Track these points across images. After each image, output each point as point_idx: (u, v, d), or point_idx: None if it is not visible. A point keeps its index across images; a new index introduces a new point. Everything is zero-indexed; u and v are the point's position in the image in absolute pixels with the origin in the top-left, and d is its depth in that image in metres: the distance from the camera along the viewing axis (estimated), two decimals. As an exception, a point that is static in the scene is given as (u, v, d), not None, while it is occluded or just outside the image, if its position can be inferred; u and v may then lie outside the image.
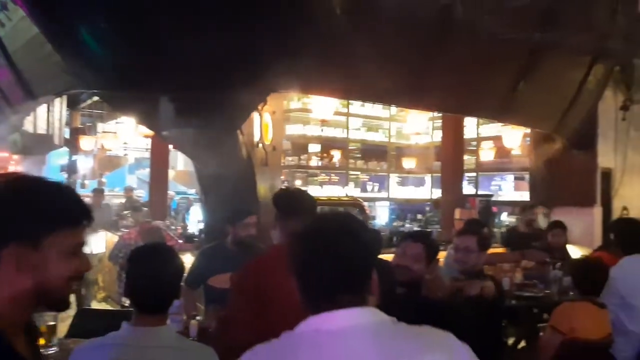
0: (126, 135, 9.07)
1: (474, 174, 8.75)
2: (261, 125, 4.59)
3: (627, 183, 7.80)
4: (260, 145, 4.61)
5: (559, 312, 3.51)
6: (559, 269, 4.81)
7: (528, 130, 7.31)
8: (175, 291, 1.90)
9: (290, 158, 7.64)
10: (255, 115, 4.53)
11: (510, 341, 4.82)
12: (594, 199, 7.36)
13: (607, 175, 7.59)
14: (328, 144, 8.23)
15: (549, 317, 3.85)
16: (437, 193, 8.11)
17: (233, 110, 4.00)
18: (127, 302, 4.03)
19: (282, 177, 7.89)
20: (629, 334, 3.71)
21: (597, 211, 7.35)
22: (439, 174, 8.27)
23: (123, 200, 9.60)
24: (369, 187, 8.96)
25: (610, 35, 5.64)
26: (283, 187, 4.77)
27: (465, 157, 8.34)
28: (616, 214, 7.64)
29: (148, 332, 1.77)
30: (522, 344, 4.74)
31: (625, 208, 7.81)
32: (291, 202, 2.58)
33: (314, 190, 7.66)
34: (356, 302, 1.14)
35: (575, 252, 6.42)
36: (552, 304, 4.19)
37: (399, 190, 9.39)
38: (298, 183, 7.95)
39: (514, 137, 7.41)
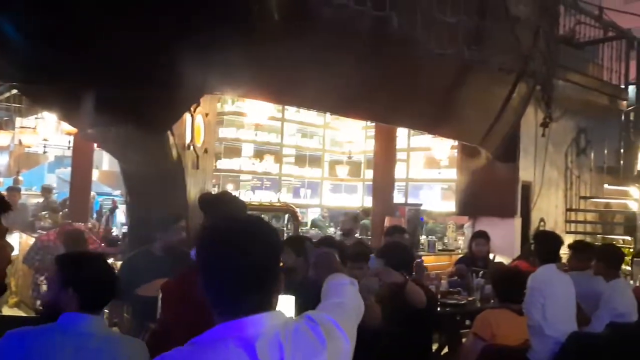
0: (46, 132, 8.58)
1: (404, 184, 8.96)
2: (193, 127, 4.47)
3: (544, 196, 8.27)
4: (192, 147, 4.49)
5: (481, 319, 3.64)
6: (482, 277, 5.00)
7: (456, 143, 7.58)
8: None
9: (222, 162, 7.51)
10: (187, 117, 4.41)
11: (434, 347, 4.95)
12: (514, 211, 7.73)
13: (526, 188, 8.00)
14: (262, 149, 8.16)
15: (471, 324, 4.00)
16: (369, 201, 8.24)
17: (163, 110, 3.88)
18: (40, 306, 3.80)
19: (214, 181, 7.74)
20: (545, 339, 3.91)
21: (517, 222, 7.73)
22: (371, 182, 8.41)
23: (41, 200, 9.08)
24: (301, 193, 8.97)
25: (532, 57, 5.95)
26: (209, 190, 4.65)
27: (396, 166, 8.54)
28: (534, 225, 8.08)
29: (83, 319, 1.81)
30: (445, 350, 4.88)
31: (542, 219, 8.27)
32: (218, 205, 2.52)
33: (245, 195, 7.57)
34: (264, 303, 1.15)
35: (497, 260, 6.72)
36: (474, 311, 4.36)
37: (331, 197, 9.46)
38: (230, 187, 7.83)
39: (443, 148, 7.66)
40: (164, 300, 2.44)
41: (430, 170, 8.83)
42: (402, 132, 8.56)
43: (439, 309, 4.51)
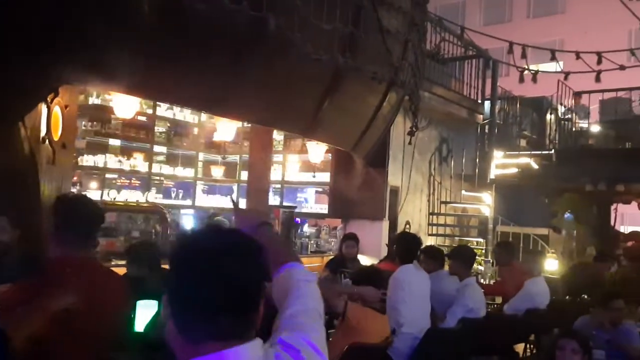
0: None
1: (280, 186, 9.01)
2: (50, 119, 4.09)
3: (410, 200, 8.78)
4: (47, 141, 4.10)
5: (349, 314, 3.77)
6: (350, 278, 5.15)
7: (330, 147, 7.78)
8: None
9: (85, 158, 6.98)
10: (42, 108, 4.03)
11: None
12: (383, 214, 8.13)
13: (394, 192, 8.45)
14: (130, 146, 7.72)
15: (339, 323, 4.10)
16: (244, 203, 8.14)
17: (12, 98, 3.49)
18: None
19: (75, 179, 7.17)
20: (404, 335, 4.14)
21: (386, 224, 8.13)
22: (246, 184, 8.34)
23: None
24: (172, 194, 8.63)
25: (402, 68, 6.27)
26: (64, 193, 4.29)
27: (272, 168, 8.56)
28: (401, 227, 8.54)
29: None
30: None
31: (408, 222, 8.77)
32: (70, 209, 2.33)
33: (110, 195, 7.11)
34: (241, 328, 1.05)
35: (366, 261, 6.99)
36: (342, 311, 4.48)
37: (205, 199, 9.23)
38: (93, 186, 7.30)
39: (318, 152, 7.82)
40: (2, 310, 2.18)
41: (306, 173, 8.96)
42: (279, 135, 8.61)
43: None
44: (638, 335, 4.66)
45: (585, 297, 6.30)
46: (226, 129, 7.01)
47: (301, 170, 8.93)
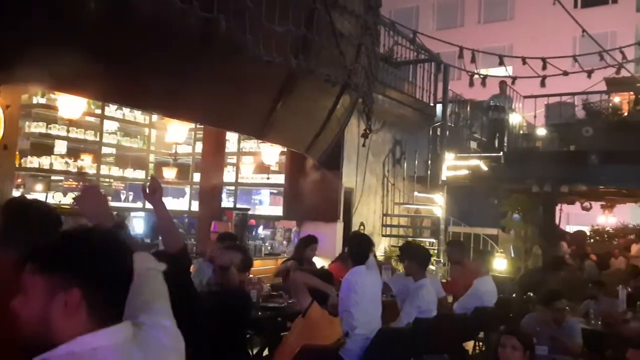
0: None
1: (233, 188, 8.93)
2: (-11, 119, 3.92)
3: (364, 201, 8.87)
4: (-13, 142, 3.94)
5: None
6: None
7: (285, 149, 7.76)
8: None
9: (29, 159, 6.71)
10: (-19, 107, 3.86)
11: (256, 350, 4.98)
12: (337, 215, 8.17)
13: (349, 194, 8.52)
14: (77, 147, 7.47)
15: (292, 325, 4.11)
16: (196, 205, 8.03)
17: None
18: None
19: (19, 181, 6.91)
20: (356, 336, 4.17)
21: (340, 226, 8.18)
22: (199, 186, 8.21)
23: None
24: (122, 196, 8.41)
25: (355, 71, 6.32)
26: (9, 190, 4.14)
27: (226, 170, 8.47)
28: (355, 228, 8.61)
29: None
30: (266, 352, 4.93)
31: (362, 224, 8.86)
32: (19, 213, 2.24)
33: (55, 197, 6.87)
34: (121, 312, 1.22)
35: (320, 263, 7.01)
36: (296, 313, 4.48)
37: (156, 201, 9.02)
38: (38, 188, 7.03)
39: (272, 154, 7.79)
40: None
41: (260, 175, 8.92)
42: (232, 136, 8.52)
43: (260, 312, 4.54)
44: (580, 331, 4.86)
45: (531, 294, 6.52)
46: (177, 130, 6.89)
47: (255, 171, 8.87)
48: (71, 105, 5.44)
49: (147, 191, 2.41)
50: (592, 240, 13.99)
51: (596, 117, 10.88)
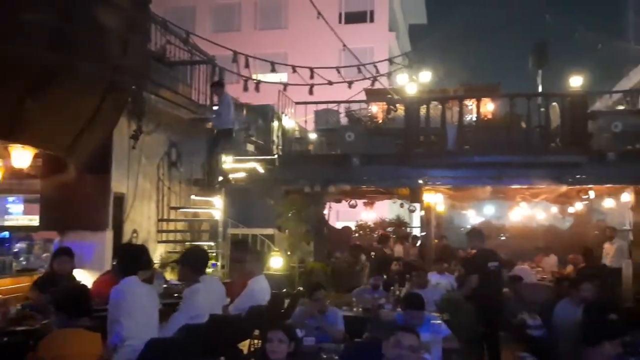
0: None
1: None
2: None
3: (137, 207, 8.41)
4: None
5: (46, 341, 3.47)
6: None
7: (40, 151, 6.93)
8: None
9: None
10: None
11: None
12: (106, 223, 7.58)
13: (119, 199, 7.97)
14: None
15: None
16: None
17: None
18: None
19: None
20: (125, 348, 3.92)
21: (109, 235, 7.60)
22: None
23: None
24: None
25: (122, 69, 5.95)
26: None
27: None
28: (127, 237, 8.11)
29: None
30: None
31: (135, 231, 8.38)
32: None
33: None
34: None
35: (85, 277, 6.42)
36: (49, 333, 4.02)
37: None
38: None
39: (24, 157, 6.86)
40: None
41: (11, 181, 7.80)
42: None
43: (6, 338, 3.98)
44: (342, 318, 5.33)
45: (301, 289, 6.95)
46: None
47: (5, 177, 7.72)
48: None
49: None
50: (356, 235, 15.59)
51: (357, 123, 12.11)
